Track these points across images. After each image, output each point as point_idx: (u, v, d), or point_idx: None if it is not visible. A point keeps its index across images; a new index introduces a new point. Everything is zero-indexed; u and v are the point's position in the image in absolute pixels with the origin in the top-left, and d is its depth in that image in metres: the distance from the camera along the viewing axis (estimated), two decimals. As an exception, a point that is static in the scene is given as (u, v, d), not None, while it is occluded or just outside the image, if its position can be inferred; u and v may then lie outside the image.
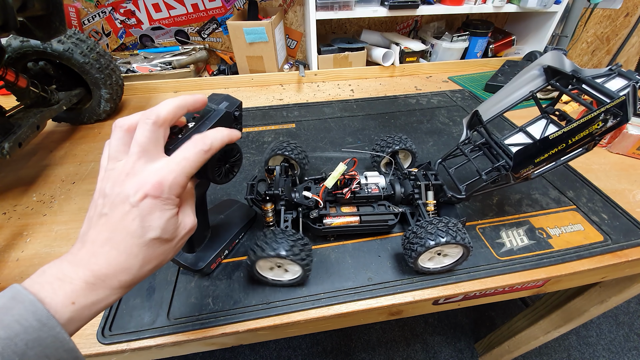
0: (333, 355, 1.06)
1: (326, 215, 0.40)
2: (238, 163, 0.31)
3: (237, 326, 0.34)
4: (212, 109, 0.30)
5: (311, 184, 0.43)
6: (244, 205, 0.47)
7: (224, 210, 0.45)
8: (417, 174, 0.43)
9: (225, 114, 0.30)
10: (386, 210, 0.42)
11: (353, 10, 0.91)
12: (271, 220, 0.40)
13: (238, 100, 0.31)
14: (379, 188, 0.42)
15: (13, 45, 0.57)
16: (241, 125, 0.34)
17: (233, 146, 0.29)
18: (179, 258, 0.38)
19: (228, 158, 0.30)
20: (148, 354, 0.38)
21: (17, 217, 0.48)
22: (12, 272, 0.41)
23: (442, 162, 0.45)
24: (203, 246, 0.39)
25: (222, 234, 0.41)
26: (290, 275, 0.36)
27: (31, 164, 0.60)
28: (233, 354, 1.06)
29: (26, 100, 0.58)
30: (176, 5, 1.01)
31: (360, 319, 0.42)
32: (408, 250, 0.36)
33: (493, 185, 0.40)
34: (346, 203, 0.42)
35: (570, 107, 0.62)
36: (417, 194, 0.42)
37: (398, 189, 0.43)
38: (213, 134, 0.25)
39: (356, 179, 0.40)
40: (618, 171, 0.56)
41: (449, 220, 0.35)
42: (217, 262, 0.39)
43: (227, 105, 0.31)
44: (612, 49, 1.44)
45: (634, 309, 1.17)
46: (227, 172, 0.30)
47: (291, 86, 0.90)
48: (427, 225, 0.35)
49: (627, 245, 0.42)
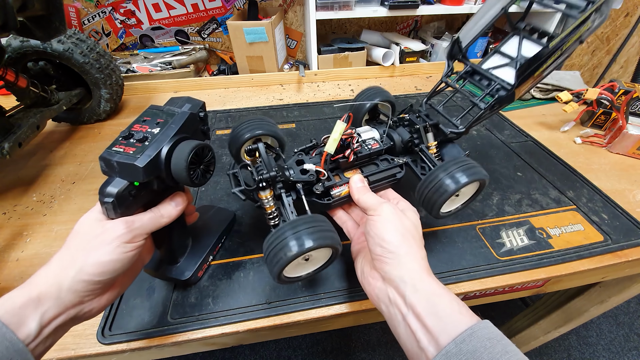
0: (333, 355, 1.06)
1: (333, 186, 0.36)
2: (213, 161, 0.31)
3: (237, 326, 0.34)
4: (176, 112, 0.29)
5: (302, 155, 0.38)
6: (221, 208, 0.46)
7: (202, 217, 0.42)
8: (411, 118, 0.40)
9: (190, 116, 0.29)
10: (391, 164, 0.38)
11: (353, 10, 0.91)
12: (273, 209, 0.34)
13: (200, 101, 0.31)
14: (378, 142, 0.39)
15: (13, 45, 0.57)
16: (207, 127, 0.33)
17: (204, 145, 0.29)
18: (164, 272, 0.36)
19: (201, 159, 0.29)
20: (148, 354, 0.38)
21: (17, 217, 0.48)
22: (12, 272, 0.41)
23: (428, 101, 0.42)
24: (186, 255, 0.38)
25: (204, 240, 0.40)
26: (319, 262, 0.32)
27: (31, 164, 0.60)
28: (233, 354, 1.06)
29: (26, 100, 0.58)
30: (176, 5, 1.01)
31: (360, 319, 0.42)
32: (428, 202, 0.34)
33: (489, 111, 0.39)
34: (348, 167, 0.38)
35: (570, 107, 0.62)
36: (416, 139, 0.39)
37: (397, 138, 0.39)
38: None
39: (354, 137, 0.36)
40: (618, 171, 0.56)
41: (463, 160, 0.33)
42: (203, 269, 0.39)
43: (190, 107, 0.30)
44: (612, 49, 1.44)
45: (634, 309, 1.17)
46: (204, 172, 0.30)
47: (291, 86, 0.90)
48: (441, 171, 0.33)
49: (627, 245, 0.42)
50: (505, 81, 0.37)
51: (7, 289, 0.38)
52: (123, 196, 0.26)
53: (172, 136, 0.27)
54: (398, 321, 0.26)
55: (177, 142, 0.28)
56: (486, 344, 0.21)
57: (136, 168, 0.25)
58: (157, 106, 0.30)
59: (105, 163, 0.26)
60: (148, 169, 0.26)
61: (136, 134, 0.27)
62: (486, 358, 0.21)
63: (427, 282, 0.26)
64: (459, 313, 0.24)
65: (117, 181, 0.26)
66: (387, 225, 0.29)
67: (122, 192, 0.26)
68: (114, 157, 0.26)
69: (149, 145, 0.26)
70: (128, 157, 0.26)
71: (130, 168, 0.25)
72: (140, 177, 0.26)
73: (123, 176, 0.26)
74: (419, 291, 0.25)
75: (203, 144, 0.29)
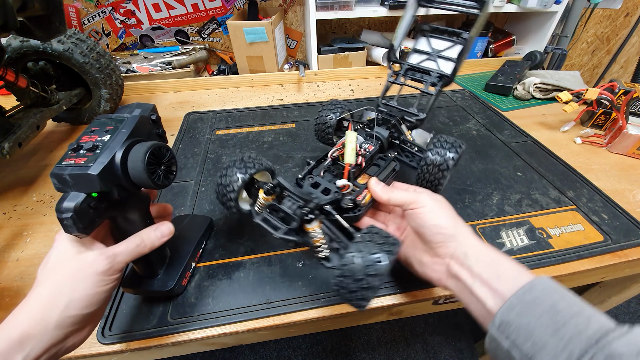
0: (333, 355, 1.06)
1: (357, 195, 0.35)
2: (174, 162, 0.30)
3: (237, 326, 0.34)
4: (125, 117, 0.28)
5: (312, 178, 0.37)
6: (196, 215, 0.45)
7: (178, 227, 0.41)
8: (384, 117, 0.44)
9: (141, 119, 0.28)
10: (387, 160, 0.41)
11: (353, 10, 0.91)
12: (322, 241, 0.31)
13: (150, 104, 0.30)
14: (370, 144, 0.41)
15: (13, 45, 0.57)
16: (162, 129, 0.33)
17: (160, 145, 0.28)
18: (145, 287, 0.35)
19: (160, 160, 0.28)
20: (148, 354, 0.38)
21: (17, 217, 0.48)
22: (12, 272, 0.41)
23: (382, 100, 0.46)
24: (166, 266, 0.36)
25: (183, 248, 0.39)
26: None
27: (31, 164, 0.60)
28: (233, 354, 1.06)
29: (26, 100, 0.58)
30: (176, 5, 1.01)
31: (360, 319, 0.42)
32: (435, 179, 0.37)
33: (439, 96, 0.45)
34: (359, 174, 0.38)
35: (570, 107, 0.62)
36: (395, 133, 0.44)
37: (381, 136, 0.43)
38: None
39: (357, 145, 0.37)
40: (618, 171, 0.56)
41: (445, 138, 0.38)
42: (187, 277, 0.38)
43: (141, 111, 0.29)
44: (612, 49, 1.44)
45: (634, 309, 1.17)
46: (166, 173, 0.29)
47: (291, 86, 0.90)
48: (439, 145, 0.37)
49: (627, 245, 0.42)
50: (443, 71, 0.44)
51: (7, 289, 0.38)
52: (82, 210, 0.24)
53: (124, 140, 0.26)
54: (466, 293, 0.28)
55: (130, 145, 0.27)
56: (545, 293, 0.24)
57: (90, 177, 0.24)
58: (105, 115, 0.29)
59: (57, 179, 0.25)
60: (104, 176, 0.25)
61: (85, 145, 0.26)
62: (546, 305, 0.23)
63: (487, 252, 0.29)
64: (519, 272, 0.27)
65: (73, 195, 0.24)
66: (437, 213, 0.31)
67: (81, 205, 0.24)
68: (65, 171, 0.24)
69: (100, 153, 0.25)
70: (80, 167, 0.24)
71: (84, 178, 0.24)
72: (97, 186, 0.24)
73: (78, 189, 0.25)
74: (481, 262, 0.28)
75: (159, 143, 0.28)
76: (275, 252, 0.42)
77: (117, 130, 0.27)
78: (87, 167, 0.24)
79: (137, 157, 0.26)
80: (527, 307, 0.23)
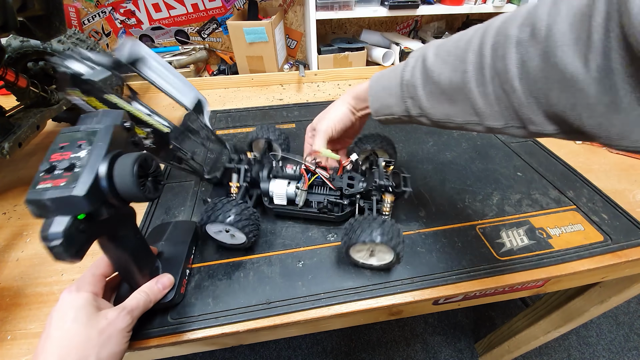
0: (333, 355, 1.06)
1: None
2: (159, 171, 0.28)
3: (237, 326, 0.34)
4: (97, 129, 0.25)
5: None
6: (179, 221, 0.44)
7: (162, 235, 0.40)
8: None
9: (116, 129, 0.26)
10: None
11: (353, 10, 0.91)
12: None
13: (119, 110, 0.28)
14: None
15: (13, 45, 0.57)
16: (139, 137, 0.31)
17: (146, 156, 0.26)
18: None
19: (146, 171, 0.26)
20: (148, 354, 0.38)
21: (17, 217, 0.48)
22: (12, 272, 0.41)
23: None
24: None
25: (174, 257, 0.38)
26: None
27: (31, 164, 0.60)
28: (233, 354, 1.06)
29: (26, 100, 0.58)
30: (176, 5, 1.01)
31: (360, 319, 0.42)
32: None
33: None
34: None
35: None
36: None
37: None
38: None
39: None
40: (618, 171, 0.56)
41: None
42: (184, 284, 0.37)
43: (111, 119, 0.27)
44: (612, 49, 1.44)
45: (634, 309, 1.17)
46: (154, 184, 0.27)
47: (291, 86, 0.90)
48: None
49: (627, 245, 0.42)
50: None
51: (7, 289, 0.38)
52: (72, 234, 0.22)
53: (104, 155, 0.24)
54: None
55: (113, 159, 0.25)
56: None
57: (76, 199, 0.22)
58: (70, 128, 0.26)
59: (35, 205, 0.22)
60: (91, 196, 0.23)
61: (59, 164, 0.23)
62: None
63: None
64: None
65: (58, 220, 0.22)
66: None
67: (69, 229, 0.22)
68: (45, 195, 0.22)
69: (81, 171, 0.23)
70: (62, 190, 0.22)
71: (69, 200, 0.22)
72: (85, 208, 0.23)
73: (62, 213, 0.22)
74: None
75: (145, 154, 0.26)
76: (275, 252, 0.42)
77: (93, 143, 0.24)
78: (70, 189, 0.22)
79: (124, 171, 0.24)
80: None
